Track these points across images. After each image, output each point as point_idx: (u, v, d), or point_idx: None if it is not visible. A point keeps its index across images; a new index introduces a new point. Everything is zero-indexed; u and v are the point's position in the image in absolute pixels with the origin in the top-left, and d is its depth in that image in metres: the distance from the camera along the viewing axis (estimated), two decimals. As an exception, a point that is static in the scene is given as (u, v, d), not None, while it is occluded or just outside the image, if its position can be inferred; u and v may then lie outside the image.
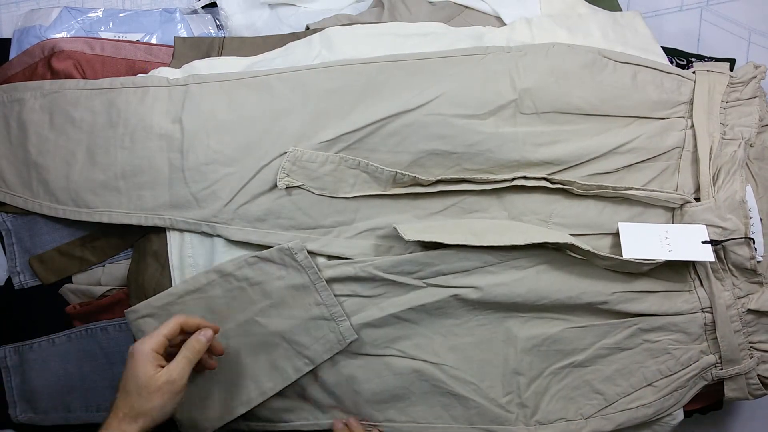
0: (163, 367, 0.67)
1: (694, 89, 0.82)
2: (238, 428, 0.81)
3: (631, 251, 0.76)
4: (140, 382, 0.65)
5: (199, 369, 0.72)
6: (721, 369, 0.80)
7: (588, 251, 0.74)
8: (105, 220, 0.81)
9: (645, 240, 0.76)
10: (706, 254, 0.76)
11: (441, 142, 0.78)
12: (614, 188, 0.77)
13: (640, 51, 0.85)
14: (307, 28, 0.92)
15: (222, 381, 0.78)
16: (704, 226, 0.77)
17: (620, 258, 0.75)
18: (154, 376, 0.65)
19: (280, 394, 0.79)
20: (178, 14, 1.01)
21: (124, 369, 0.68)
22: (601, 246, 0.78)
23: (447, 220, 0.79)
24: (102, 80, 0.83)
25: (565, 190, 0.79)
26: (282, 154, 0.77)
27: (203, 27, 1.01)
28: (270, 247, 0.77)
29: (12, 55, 0.94)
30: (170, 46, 0.91)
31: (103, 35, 0.96)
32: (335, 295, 0.76)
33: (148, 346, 0.67)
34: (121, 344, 0.86)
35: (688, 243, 0.76)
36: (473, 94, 0.78)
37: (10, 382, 0.90)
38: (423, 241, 0.75)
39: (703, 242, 0.76)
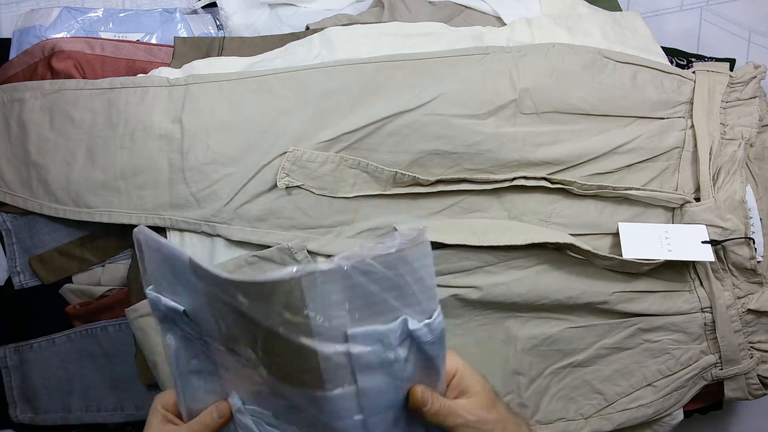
0: (174, 424, 0.58)
1: (694, 89, 0.82)
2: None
3: (630, 251, 0.76)
4: None
5: None
6: (721, 369, 0.80)
7: (588, 251, 0.74)
8: (105, 220, 0.81)
9: (645, 240, 0.76)
10: (706, 254, 0.76)
11: (441, 142, 0.78)
12: (614, 188, 0.77)
13: (640, 51, 0.85)
14: (307, 28, 0.92)
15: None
16: (704, 226, 0.77)
17: (620, 258, 0.75)
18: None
19: (280, 394, 0.79)
20: (178, 14, 1.01)
21: None
22: (601, 246, 0.78)
23: (447, 220, 0.79)
24: (102, 80, 0.83)
25: (565, 190, 0.79)
26: (282, 154, 0.77)
27: (203, 27, 1.01)
28: (270, 246, 0.77)
29: (12, 55, 0.94)
30: (170, 46, 0.91)
31: (103, 35, 0.96)
32: (335, 295, 0.76)
33: (159, 400, 0.58)
34: (121, 344, 0.86)
35: (688, 243, 0.76)
36: (473, 94, 0.78)
37: (10, 382, 0.91)
38: (423, 241, 0.75)
39: (703, 242, 0.76)
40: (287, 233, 0.78)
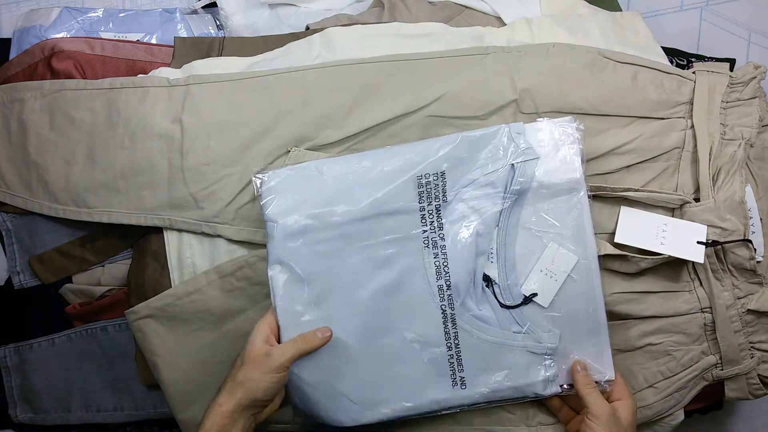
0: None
1: (694, 89, 0.82)
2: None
3: (623, 236, 0.76)
4: (244, 353, 0.68)
5: None
6: (722, 369, 0.80)
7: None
8: (105, 220, 0.81)
9: (641, 228, 0.77)
10: (697, 255, 0.76)
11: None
12: (612, 189, 0.77)
13: (640, 51, 0.85)
14: (307, 28, 0.92)
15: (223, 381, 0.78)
16: (705, 226, 0.77)
17: (616, 252, 0.75)
18: (256, 347, 0.67)
19: (280, 394, 0.79)
20: (178, 14, 1.01)
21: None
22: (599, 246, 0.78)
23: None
24: (102, 80, 0.83)
25: (564, 190, 0.79)
26: (283, 155, 0.77)
27: (203, 27, 1.01)
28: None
29: (12, 55, 0.94)
30: (170, 46, 0.91)
31: (103, 35, 0.96)
32: (335, 295, 0.77)
33: (264, 322, 0.70)
34: (121, 344, 0.86)
35: (683, 240, 0.76)
36: (474, 95, 0.78)
37: (10, 382, 0.91)
38: (423, 241, 0.75)
39: (699, 243, 0.76)
40: (288, 233, 0.77)
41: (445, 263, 0.72)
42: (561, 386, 0.74)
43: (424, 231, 0.72)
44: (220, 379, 0.70)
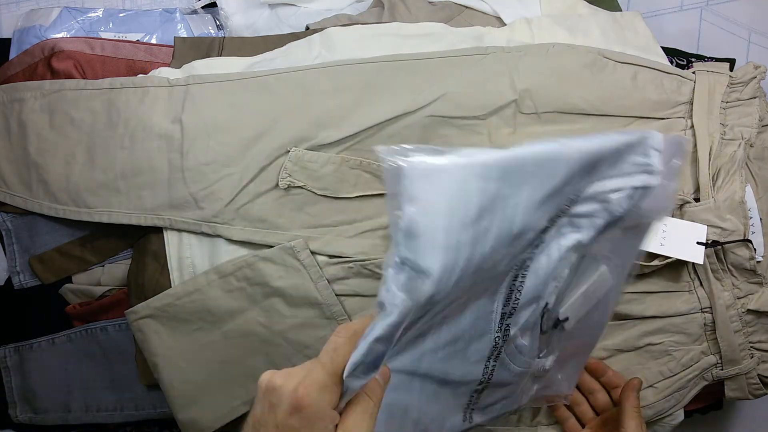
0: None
1: (694, 89, 0.82)
2: (238, 429, 0.81)
3: None
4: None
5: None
6: (722, 369, 0.80)
7: None
8: (105, 220, 0.81)
9: None
10: (697, 255, 0.76)
11: (441, 142, 0.78)
12: (613, 189, 0.77)
13: (640, 51, 0.85)
14: (307, 28, 0.92)
15: (223, 381, 0.78)
16: (704, 226, 0.77)
17: None
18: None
19: (280, 394, 0.79)
20: (178, 14, 1.01)
21: (278, 412, 0.45)
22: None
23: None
24: (102, 80, 0.83)
25: (565, 191, 0.78)
26: (283, 154, 0.77)
27: (203, 27, 1.01)
28: (272, 246, 0.77)
29: (12, 55, 0.94)
30: (170, 46, 0.91)
31: (103, 35, 0.96)
32: (336, 295, 0.76)
33: (326, 400, 0.44)
34: (121, 344, 0.86)
35: (682, 241, 0.76)
36: (474, 95, 0.79)
37: (10, 382, 0.90)
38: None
39: (698, 243, 0.76)
40: (288, 233, 0.78)
41: (521, 287, 0.55)
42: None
43: (524, 251, 0.52)
44: (220, 378, 0.69)
